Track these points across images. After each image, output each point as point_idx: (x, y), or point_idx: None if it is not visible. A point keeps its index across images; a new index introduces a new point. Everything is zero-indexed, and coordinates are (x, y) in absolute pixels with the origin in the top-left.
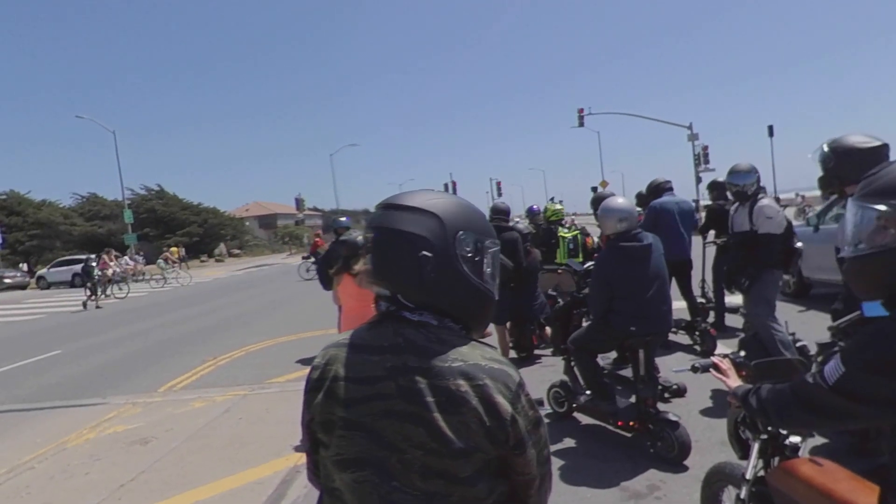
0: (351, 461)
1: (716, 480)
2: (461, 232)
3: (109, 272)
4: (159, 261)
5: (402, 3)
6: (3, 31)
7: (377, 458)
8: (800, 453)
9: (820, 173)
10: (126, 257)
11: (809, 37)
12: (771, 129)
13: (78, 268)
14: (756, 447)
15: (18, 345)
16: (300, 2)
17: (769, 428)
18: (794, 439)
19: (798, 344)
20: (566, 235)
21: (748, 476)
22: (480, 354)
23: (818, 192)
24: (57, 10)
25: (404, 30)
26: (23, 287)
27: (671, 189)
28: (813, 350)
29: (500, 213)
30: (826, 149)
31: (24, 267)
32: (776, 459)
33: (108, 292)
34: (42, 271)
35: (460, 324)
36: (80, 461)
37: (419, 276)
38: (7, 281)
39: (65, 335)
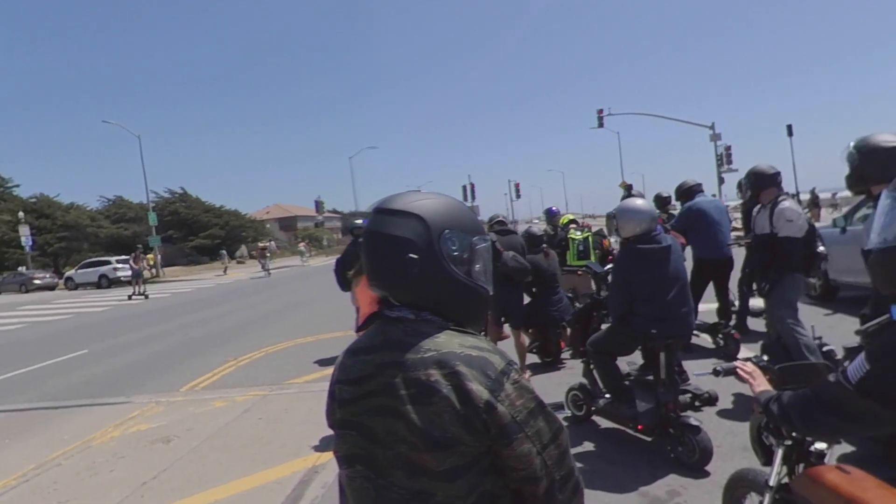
0: (346, 458)
1: (738, 487)
2: (446, 231)
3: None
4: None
5: (420, 8)
6: (32, 40)
7: (370, 453)
8: (826, 460)
9: (847, 172)
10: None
11: (833, 36)
12: (790, 128)
13: (104, 269)
14: (780, 453)
15: (47, 344)
16: (320, 8)
17: (794, 434)
18: (820, 446)
19: (825, 349)
20: (576, 237)
21: (772, 483)
22: (459, 343)
23: (842, 192)
24: (84, 18)
25: (423, 34)
26: (51, 288)
27: (702, 191)
28: (840, 354)
29: (498, 222)
30: (852, 148)
31: (24, 269)
32: (801, 466)
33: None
34: (70, 272)
35: (452, 320)
36: (105, 458)
37: (406, 277)
38: (37, 282)
39: (91, 335)
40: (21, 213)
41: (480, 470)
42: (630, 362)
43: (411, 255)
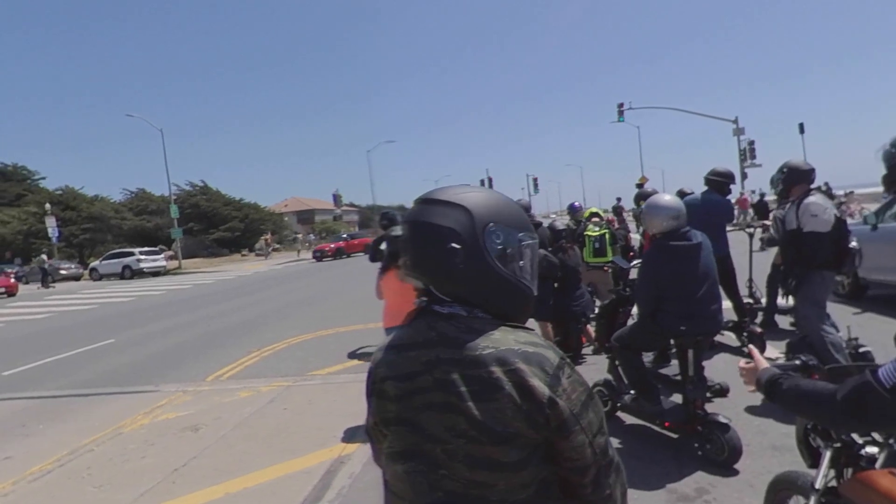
0: (400, 453)
1: (781, 489)
2: (491, 224)
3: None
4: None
5: (439, 2)
6: (58, 36)
7: (424, 449)
8: (877, 465)
9: (883, 171)
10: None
11: (858, 33)
12: (801, 126)
13: (127, 260)
14: (827, 456)
15: (75, 333)
16: (339, 2)
17: (834, 436)
18: (871, 450)
19: (861, 349)
20: (592, 234)
21: (818, 486)
22: (514, 339)
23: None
24: (109, 15)
25: (442, 27)
26: (77, 278)
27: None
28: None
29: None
30: (889, 146)
31: (20, 261)
32: (849, 470)
33: None
34: (94, 263)
35: (500, 317)
36: (136, 445)
37: (448, 267)
38: (63, 272)
39: (117, 325)
40: (47, 205)
41: (541, 459)
42: (644, 355)
43: (453, 245)
